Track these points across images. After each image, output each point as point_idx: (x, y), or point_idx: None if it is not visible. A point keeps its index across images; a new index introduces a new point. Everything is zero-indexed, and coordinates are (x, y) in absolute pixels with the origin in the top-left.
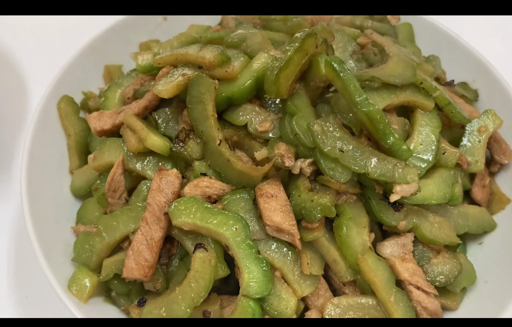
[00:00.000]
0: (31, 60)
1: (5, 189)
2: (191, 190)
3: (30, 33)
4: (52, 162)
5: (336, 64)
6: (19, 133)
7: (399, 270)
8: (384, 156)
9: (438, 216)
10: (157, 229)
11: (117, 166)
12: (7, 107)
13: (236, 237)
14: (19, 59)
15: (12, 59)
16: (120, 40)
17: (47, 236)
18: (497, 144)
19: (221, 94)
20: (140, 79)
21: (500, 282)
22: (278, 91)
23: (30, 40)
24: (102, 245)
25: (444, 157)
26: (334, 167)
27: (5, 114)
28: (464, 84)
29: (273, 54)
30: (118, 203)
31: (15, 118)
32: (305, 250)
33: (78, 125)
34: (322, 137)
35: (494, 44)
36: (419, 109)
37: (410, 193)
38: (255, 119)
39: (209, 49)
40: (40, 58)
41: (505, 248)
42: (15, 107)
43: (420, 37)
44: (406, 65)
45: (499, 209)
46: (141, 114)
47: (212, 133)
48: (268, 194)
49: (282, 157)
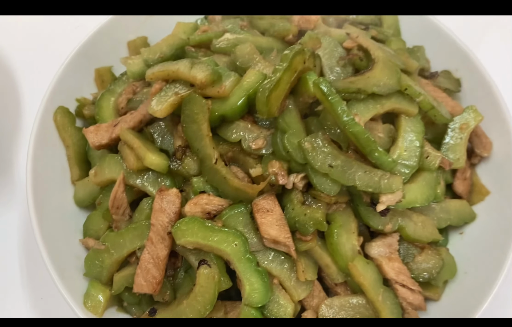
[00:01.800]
0: (21, 59)
1: (8, 192)
2: (191, 208)
3: (20, 34)
4: (54, 175)
5: (324, 86)
6: (14, 135)
7: (386, 270)
8: (371, 169)
9: (422, 215)
10: (162, 248)
11: (119, 184)
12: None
13: (236, 253)
14: (9, 59)
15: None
16: (107, 41)
17: (58, 252)
18: (477, 138)
19: (214, 113)
20: (132, 86)
21: (478, 274)
22: (269, 111)
23: (19, 40)
24: (111, 261)
25: (427, 160)
26: (325, 181)
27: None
28: (448, 72)
29: (262, 67)
30: (122, 219)
31: (8, 120)
32: (300, 258)
33: (75, 135)
34: (312, 153)
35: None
36: (404, 114)
37: (395, 202)
38: (248, 136)
39: (200, 68)
40: (30, 57)
41: (484, 238)
42: (7, 107)
43: (405, 25)
44: (391, 71)
45: (479, 200)
46: (136, 127)
47: (208, 152)
48: (264, 209)
49: (276, 175)
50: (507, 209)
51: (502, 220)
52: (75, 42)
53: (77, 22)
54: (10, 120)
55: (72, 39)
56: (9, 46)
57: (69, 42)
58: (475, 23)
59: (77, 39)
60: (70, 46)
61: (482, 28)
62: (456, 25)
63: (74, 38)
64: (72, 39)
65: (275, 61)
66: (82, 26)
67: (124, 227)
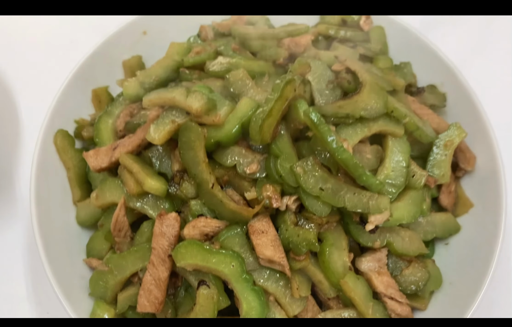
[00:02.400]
0: (16, 72)
1: (10, 208)
2: (189, 231)
3: (14, 48)
4: (56, 197)
5: (314, 116)
6: (13, 150)
7: (376, 284)
8: (359, 190)
9: (409, 230)
10: (163, 270)
11: (120, 209)
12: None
13: (234, 273)
14: (5, 74)
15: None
16: (103, 62)
17: (63, 273)
18: (462, 153)
19: (210, 140)
20: (129, 108)
21: (462, 285)
22: (262, 139)
23: (13, 54)
24: (115, 281)
25: (414, 179)
26: (316, 203)
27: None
28: (433, 87)
29: (255, 93)
30: (124, 241)
31: (6, 135)
32: (294, 276)
33: (75, 157)
34: (304, 177)
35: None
36: (390, 135)
37: (383, 221)
38: (243, 161)
39: (196, 97)
40: (25, 72)
41: (468, 249)
42: (4, 123)
43: (392, 40)
44: (378, 95)
45: (463, 212)
46: (135, 151)
47: (204, 177)
48: (259, 231)
49: (270, 199)
50: (489, 222)
51: (484, 232)
52: (69, 57)
53: (71, 36)
54: (8, 135)
55: (66, 54)
56: (4, 61)
57: (64, 57)
58: (463, 40)
59: (71, 54)
60: (64, 60)
61: (470, 45)
62: (443, 41)
63: (68, 53)
64: (66, 54)
65: (267, 86)
66: (76, 41)
67: (126, 248)
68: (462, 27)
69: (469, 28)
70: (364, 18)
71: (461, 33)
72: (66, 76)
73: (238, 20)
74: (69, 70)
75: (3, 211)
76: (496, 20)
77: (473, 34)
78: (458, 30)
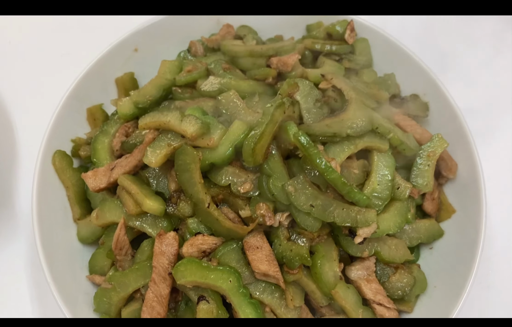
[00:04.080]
0: (11, 87)
1: (11, 225)
2: (188, 249)
3: (8, 62)
4: (58, 216)
5: (303, 139)
6: (9, 167)
7: (365, 291)
8: (348, 206)
9: (395, 239)
10: (164, 287)
11: (120, 229)
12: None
13: (231, 288)
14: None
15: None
16: (96, 81)
17: (69, 291)
18: (444, 162)
19: (205, 161)
20: (124, 127)
21: (446, 287)
22: (255, 161)
23: (8, 70)
24: (118, 298)
25: (398, 191)
26: (307, 219)
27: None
28: (416, 96)
29: (246, 114)
30: (125, 258)
31: (2, 151)
32: (288, 288)
33: (74, 177)
34: (295, 195)
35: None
36: (376, 151)
37: (370, 233)
38: (237, 180)
39: (190, 122)
40: (19, 87)
41: (450, 253)
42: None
43: (376, 51)
44: (363, 113)
45: (446, 217)
46: (132, 171)
47: (200, 197)
48: (254, 247)
49: (264, 217)
50: (470, 227)
51: (466, 237)
52: (61, 71)
53: (64, 49)
54: (4, 151)
55: (59, 67)
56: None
57: (57, 70)
58: (443, 49)
59: (63, 67)
60: (57, 74)
61: (451, 54)
62: (422, 50)
63: (61, 66)
64: (60, 67)
65: (257, 106)
66: (68, 54)
67: (127, 265)
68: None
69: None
70: (349, 31)
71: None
72: (60, 95)
73: (226, 34)
74: (62, 84)
75: (4, 227)
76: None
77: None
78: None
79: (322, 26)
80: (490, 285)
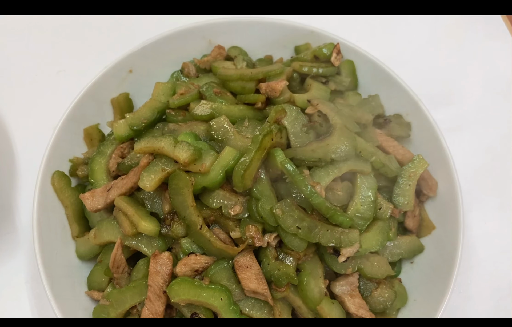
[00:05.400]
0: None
1: (12, 239)
2: (181, 269)
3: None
4: (57, 234)
5: (289, 167)
6: (9, 182)
7: (348, 306)
8: (332, 227)
9: (378, 256)
10: (159, 305)
11: (117, 248)
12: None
13: (222, 306)
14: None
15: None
16: (92, 101)
17: (68, 307)
18: (424, 181)
19: (197, 185)
20: (120, 148)
21: (425, 301)
22: (244, 186)
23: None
24: (115, 313)
25: (380, 211)
26: (294, 239)
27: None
28: (399, 116)
29: (236, 139)
30: (122, 276)
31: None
32: (276, 304)
33: (72, 196)
34: (282, 218)
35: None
36: (359, 173)
37: (353, 253)
38: (227, 203)
39: (182, 148)
40: (20, 105)
41: (430, 268)
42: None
43: (361, 72)
44: (347, 138)
45: (426, 233)
46: (128, 192)
47: (193, 219)
48: (244, 266)
49: (253, 238)
50: (448, 244)
51: (444, 253)
52: (58, 87)
53: (59, 67)
54: (3, 166)
55: (55, 84)
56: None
57: (53, 86)
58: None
59: (60, 84)
60: (54, 91)
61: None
62: (405, 71)
63: (57, 83)
64: (55, 84)
65: (247, 130)
66: (63, 71)
67: (124, 282)
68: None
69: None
70: (335, 54)
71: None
72: (57, 108)
73: (218, 55)
74: (59, 100)
75: (5, 241)
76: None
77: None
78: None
79: (310, 48)
80: (471, 296)
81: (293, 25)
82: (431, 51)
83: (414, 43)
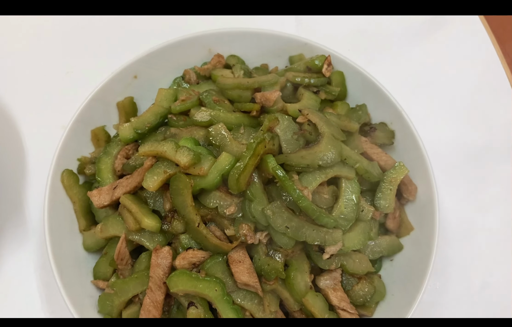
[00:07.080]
0: (19, 103)
1: (22, 231)
2: (180, 262)
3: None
4: (66, 227)
5: (280, 172)
6: (19, 178)
7: (331, 298)
8: (318, 227)
9: (359, 253)
10: (159, 294)
11: (121, 242)
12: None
13: (217, 296)
14: (7, 106)
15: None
16: (100, 104)
17: (76, 294)
18: (405, 186)
19: (196, 187)
20: (125, 149)
21: (401, 296)
22: (239, 188)
23: (16, 87)
24: (119, 301)
25: (363, 213)
26: (283, 238)
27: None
28: (384, 124)
29: (233, 145)
30: (126, 268)
31: (12, 164)
32: (265, 295)
33: (80, 193)
34: (273, 218)
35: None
36: (344, 178)
37: (336, 251)
38: (223, 203)
39: (183, 153)
40: (30, 105)
41: (407, 266)
42: (10, 151)
43: (350, 82)
44: (333, 146)
45: (405, 234)
46: (132, 191)
47: (191, 217)
48: (237, 261)
49: (246, 236)
50: (424, 244)
51: (420, 253)
52: (67, 88)
53: (67, 68)
54: (14, 162)
55: (64, 84)
56: (7, 92)
57: (61, 87)
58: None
59: (68, 85)
60: (62, 90)
61: (413, 86)
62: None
63: (66, 85)
64: (64, 86)
65: (243, 137)
66: (71, 72)
67: (127, 273)
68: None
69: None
70: (326, 65)
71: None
72: (66, 109)
73: (217, 64)
74: (67, 100)
75: (16, 232)
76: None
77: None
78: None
79: (303, 59)
80: (446, 291)
81: (288, 36)
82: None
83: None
